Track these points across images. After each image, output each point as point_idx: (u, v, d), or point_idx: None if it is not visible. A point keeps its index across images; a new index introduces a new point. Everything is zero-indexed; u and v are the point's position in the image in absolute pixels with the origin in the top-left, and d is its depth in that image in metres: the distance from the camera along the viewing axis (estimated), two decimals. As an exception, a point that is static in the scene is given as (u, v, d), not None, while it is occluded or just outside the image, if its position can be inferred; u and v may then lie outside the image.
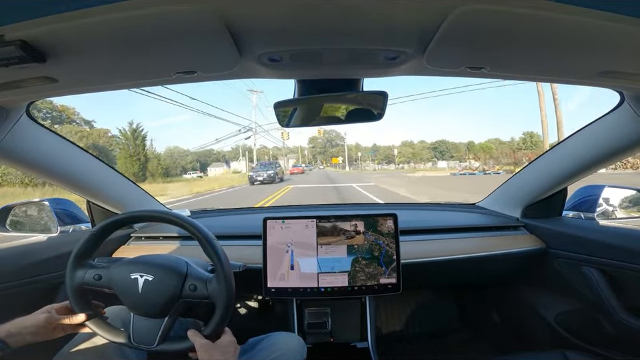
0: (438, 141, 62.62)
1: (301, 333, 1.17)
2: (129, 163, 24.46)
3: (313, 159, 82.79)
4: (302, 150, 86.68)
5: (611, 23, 0.45)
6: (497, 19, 0.47)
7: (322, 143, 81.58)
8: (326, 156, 78.90)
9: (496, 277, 1.45)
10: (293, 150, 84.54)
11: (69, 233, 1.19)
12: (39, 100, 0.80)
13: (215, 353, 0.66)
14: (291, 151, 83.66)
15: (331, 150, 79.95)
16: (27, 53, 0.47)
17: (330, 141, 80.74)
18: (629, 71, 0.63)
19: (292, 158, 77.53)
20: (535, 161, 1.24)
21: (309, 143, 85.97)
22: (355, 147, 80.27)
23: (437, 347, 1.57)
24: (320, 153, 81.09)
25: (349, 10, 0.47)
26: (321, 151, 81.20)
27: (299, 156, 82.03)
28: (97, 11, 0.41)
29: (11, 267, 0.96)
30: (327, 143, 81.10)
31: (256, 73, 0.67)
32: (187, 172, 52.18)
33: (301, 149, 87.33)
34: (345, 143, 73.17)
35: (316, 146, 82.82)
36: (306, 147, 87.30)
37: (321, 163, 76.91)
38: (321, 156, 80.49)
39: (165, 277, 0.70)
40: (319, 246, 1.08)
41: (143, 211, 0.81)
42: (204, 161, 65.72)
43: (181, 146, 75.63)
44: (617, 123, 0.88)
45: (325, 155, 79.93)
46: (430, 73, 0.67)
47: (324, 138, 79.69)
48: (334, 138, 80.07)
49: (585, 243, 1.08)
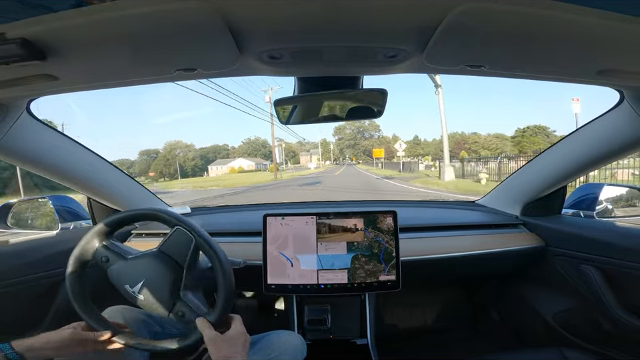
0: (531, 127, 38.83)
1: (301, 330, 1.18)
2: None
3: (340, 153, 69.36)
4: (326, 144, 73.10)
5: (611, 22, 0.45)
6: (496, 17, 0.47)
7: (351, 134, 66.82)
8: (356, 150, 65.39)
9: (495, 274, 1.46)
10: (316, 145, 71.35)
11: (70, 230, 1.19)
12: (39, 97, 0.81)
13: (224, 345, 0.65)
14: (314, 146, 71.76)
15: (363, 142, 65.40)
16: (28, 51, 0.48)
17: (361, 132, 65.92)
18: (629, 70, 0.63)
19: (315, 154, 66.55)
20: (535, 159, 1.24)
21: (335, 134, 70.86)
22: (392, 139, 62.93)
23: (436, 343, 1.58)
24: (349, 147, 66.90)
25: (349, 8, 0.47)
26: (350, 144, 66.79)
27: (323, 151, 68.40)
28: (97, 9, 0.42)
29: (12, 263, 0.97)
30: (357, 134, 66.39)
31: (256, 70, 0.68)
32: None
33: (325, 142, 73.61)
34: (380, 133, 62.71)
35: (344, 137, 68.02)
36: (332, 140, 72.77)
37: (350, 159, 64.08)
38: (350, 150, 66.51)
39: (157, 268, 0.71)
40: (318, 243, 1.08)
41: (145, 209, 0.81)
42: (212, 157, 60.33)
43: (184, 140, 68.42)
44: (616, 122, 0.88)
45: (354, 148, 66.01)
46: (429, 71, 0.67)
47: (353, 128, 65.17)
48: (366, 128, 65.10)
49: (584, 241, 1.08)
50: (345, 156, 66.80)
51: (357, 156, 64.11)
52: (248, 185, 17.99)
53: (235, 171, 50.86)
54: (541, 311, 1.28)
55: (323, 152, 69.17)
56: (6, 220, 1.20)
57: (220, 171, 53.03)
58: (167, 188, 22.69)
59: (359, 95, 0.80)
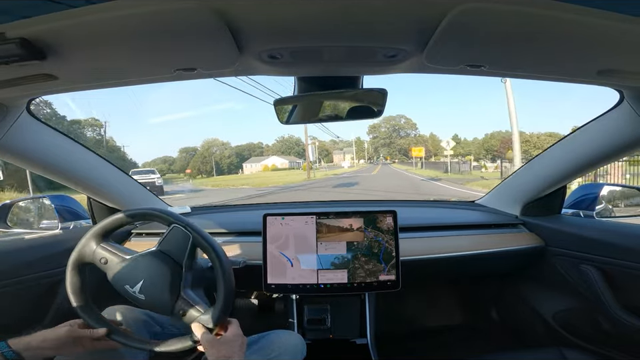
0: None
1: (301, 330, 1.18)
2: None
3: (374, 152, 65.75)
4: (360, 142, 69.84)
5: (611, 22, 0.45)
6: (496, 17, 0.47)
7: (386, 132, 62.98)
8: (391, 149, 61.59)
9: (495, 274, 1.46)
10: (349, 144, 68.76)
11: (70, 230, 1.19)
12: (39, 97, 0.81)
13: (221, 348, 0.65)
14: (348, 145, 69.24)
15: (399, 141, 61.43)
16: (27, 51, 0.48)
17: (397, 130, 62.28)
18: (629, 70, 0.63)
19: (348, 153, 64.47)
20: (535, 158, 1.24)
21: (369, 132, 66.59)
22: (430, 137, 60.67)
23: (436, 343, 1.58)
24: (384, 145, 62.96)
25: (349, 7, 0.47)
26: (385, 143, 62.83)
27: (357, 150, 65.26)
28: (97, 8, 0.42)
29: (12, 263, 0.97)
30: (392, 132, 62.54)
31: (256, 70, 0.68)
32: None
33: (359, 141, 70.13)
34: (417, 132, 58.07)
35: (379, 136, 64.14)
36: (366, 139, 68.96)
37: (384, 158, 61.05)
38: (385, 149, 62.62)
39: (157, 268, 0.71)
40: (318, 242, 1.08)
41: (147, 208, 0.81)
42: (247, 155, 59.93)
43: (220, 138, 67.94)
44: (616, 122, 0.88)
45: (389, 147, 61.99)
46: (429, 71, 0.67)
47: (388, 126, 61.85)
48: (402, 126, 61.60)
49: (584, 241, 1.08)
50: (379, 155, 63.79)
51: (392, 155, 61.09)
52: (280, 185, 16.75)
53: (269, 168, 50.25)
54: (541, 310, 1.28)
55: (357, 150, 66.64)
56: (6, 219, 1.20)
57: (254, 168, 52.74)
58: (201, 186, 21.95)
59: (358, 95, 0.80)
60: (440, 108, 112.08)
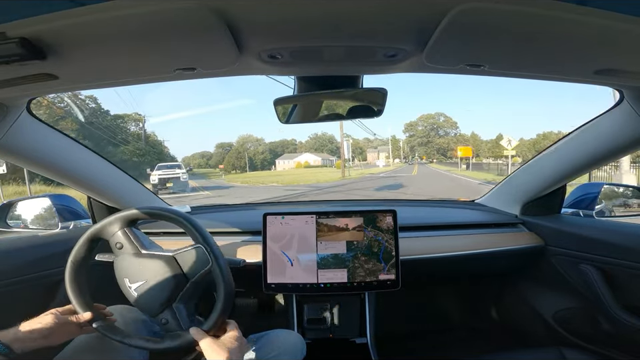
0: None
1: (301, 329, 1.18)
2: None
3: (410, 151, 61.64)
4: (395, 141, 65.43)
5: (611, 22, 0.45)
6: (496, 17, 0.47)
7: (423, 131, 58.83)
8: (429, 148, 57.25)
9: (494, 274, 1.46)
10: (384, 142, 64.88)
11: (70, 229, 1.19)
12: (39, 96, 0.81)
13: (219, 350, 0.64)
14: (382, 143, 65.82)
15: (437, 140, 57.40)
16: (28, 50, 0.47)
17: (435, 129, 58.32)
18: (629, 70, 0.63)
19: (383, 151, 61.30)
20: (534, 158, 1.24)
21: (405, 130, 62.34)
22: (471, 137, 56.41)
23: (436, 342, 1.58)
24: (421, 144, 58.52)
25: (349, 7, 0.47)
26: (422, 142, 58.40)
27: (392, 149, 60.87)
28: (97, 8, 0.42)
29: (12, 262, 0.97)
30: (430, 131, 58.56)
31: (256, 69, 0.68)
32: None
33: (394, 139, 65.65)
34: (457, 131, 53.50)
35: (415, 134, 59.83)
36: (402, 137, 64.99)
37: (419, 157, 56.60)
38: (423, 148, 58.04)
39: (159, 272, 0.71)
40: (318, 242, 1.08)
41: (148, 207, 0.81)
42: (280, 152, 59.90)
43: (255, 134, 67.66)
44: (616, 121, 0.88)
45: (427, 146, 57.58)
46: (429, 71, 0.67)
47: (426, 125, 57.82)
48: (441, 125, 57.64)
49: (584, 241, 1.08)
50: (414, 154, 59.23)
51: (429, 154, 56.82)
52: (313, 184, 15.25)
53: (301, 165, 50.02)
54: (540, 310, 1.29)
55: (392, 149, 61.88)
56: (6, 219, 1.20)
57: (287, 165, 52.65)
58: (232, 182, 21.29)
59: (358, 94, 0.80)
60: (479, 107, 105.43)
